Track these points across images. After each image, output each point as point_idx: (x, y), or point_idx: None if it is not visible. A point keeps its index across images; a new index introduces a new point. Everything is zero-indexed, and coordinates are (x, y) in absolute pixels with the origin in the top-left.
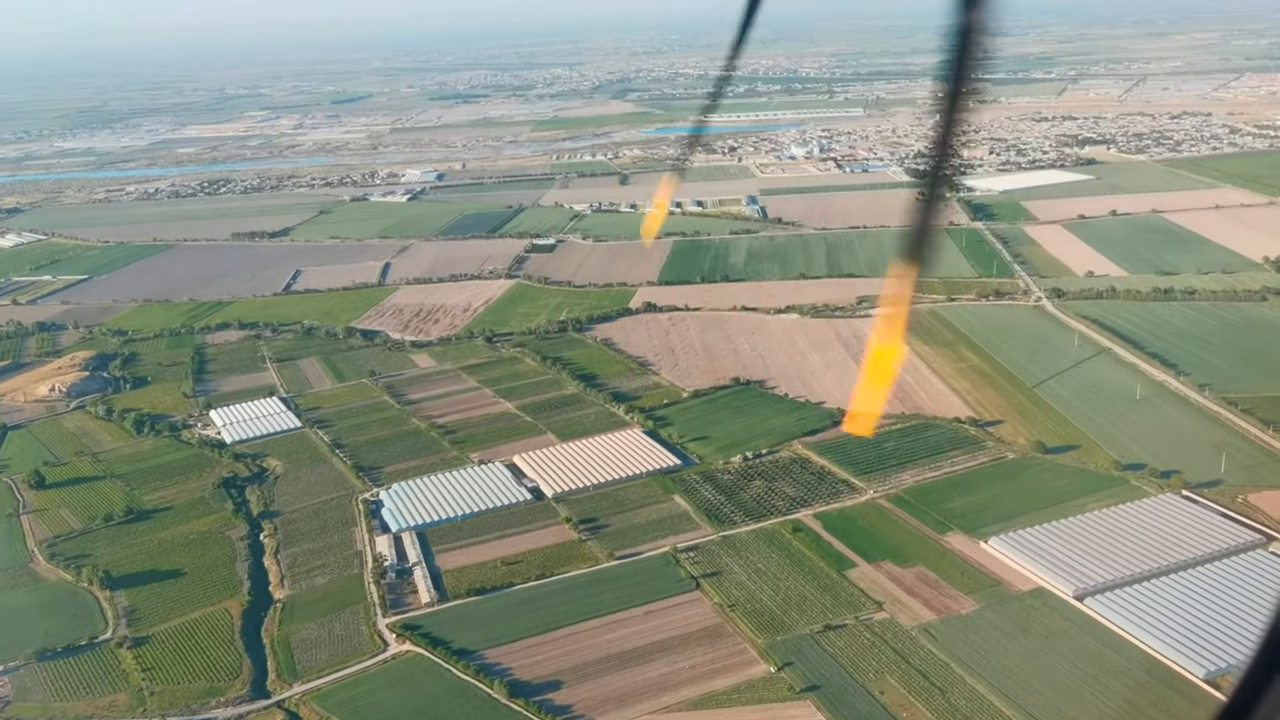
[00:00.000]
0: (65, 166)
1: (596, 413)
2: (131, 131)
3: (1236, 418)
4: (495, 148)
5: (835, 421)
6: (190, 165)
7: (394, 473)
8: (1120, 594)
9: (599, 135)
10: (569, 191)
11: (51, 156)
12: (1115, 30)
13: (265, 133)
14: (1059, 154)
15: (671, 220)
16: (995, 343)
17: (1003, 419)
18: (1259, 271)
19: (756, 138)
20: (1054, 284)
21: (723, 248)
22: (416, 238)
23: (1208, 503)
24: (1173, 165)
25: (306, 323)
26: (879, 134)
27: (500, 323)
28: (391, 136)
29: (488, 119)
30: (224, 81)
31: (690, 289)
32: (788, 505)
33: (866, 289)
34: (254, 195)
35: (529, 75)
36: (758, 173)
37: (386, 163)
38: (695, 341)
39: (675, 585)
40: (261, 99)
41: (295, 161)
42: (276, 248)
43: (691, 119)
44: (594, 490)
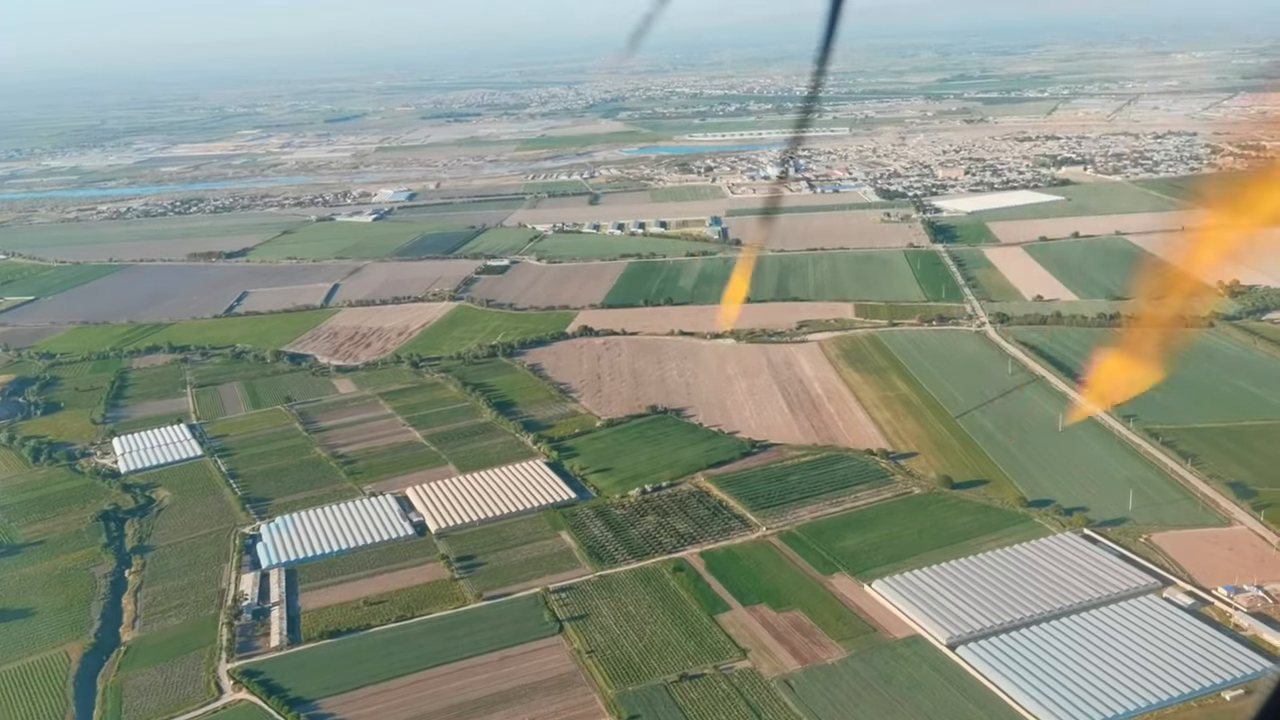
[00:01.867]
0: (46, 185)
1: (505, 442)
2: (121, 150)
3: (1157, 451)
4: (475, 167)
5: (745, 453)
6: (170, 184)
7: (282, 505)
8: (996, 642)
9: (581, 154)
10: (537, 211)
11: (36, 175)
12: (1117, 49)
13: (252, 151)
14: (1034, 174)
15: (631, 241)
16: (928, 370)
17: (918, 451)
18: (1213, 296)
19: (736, 157)
20: (1000, 309)
21: (675, 270)
22: (371, 258)
23: (1107, 543)
24: (1147, 186)
25: (239, 346)
26: (859, 153)
27: (432, 347)
28: (376, 155)
29: (475, 138)
30: (225, 100)
31: (633, 312)
32: (675, 542)
33: (809, 313)
34: (223, 215)
35: (526, 94)
36: (729, 193)
37: (364, 182)
38: (625, 367)
39: (538, 629)
40: (257, 117)
41: (274, 181)
42: (230, 268)
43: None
44: (480, 525)
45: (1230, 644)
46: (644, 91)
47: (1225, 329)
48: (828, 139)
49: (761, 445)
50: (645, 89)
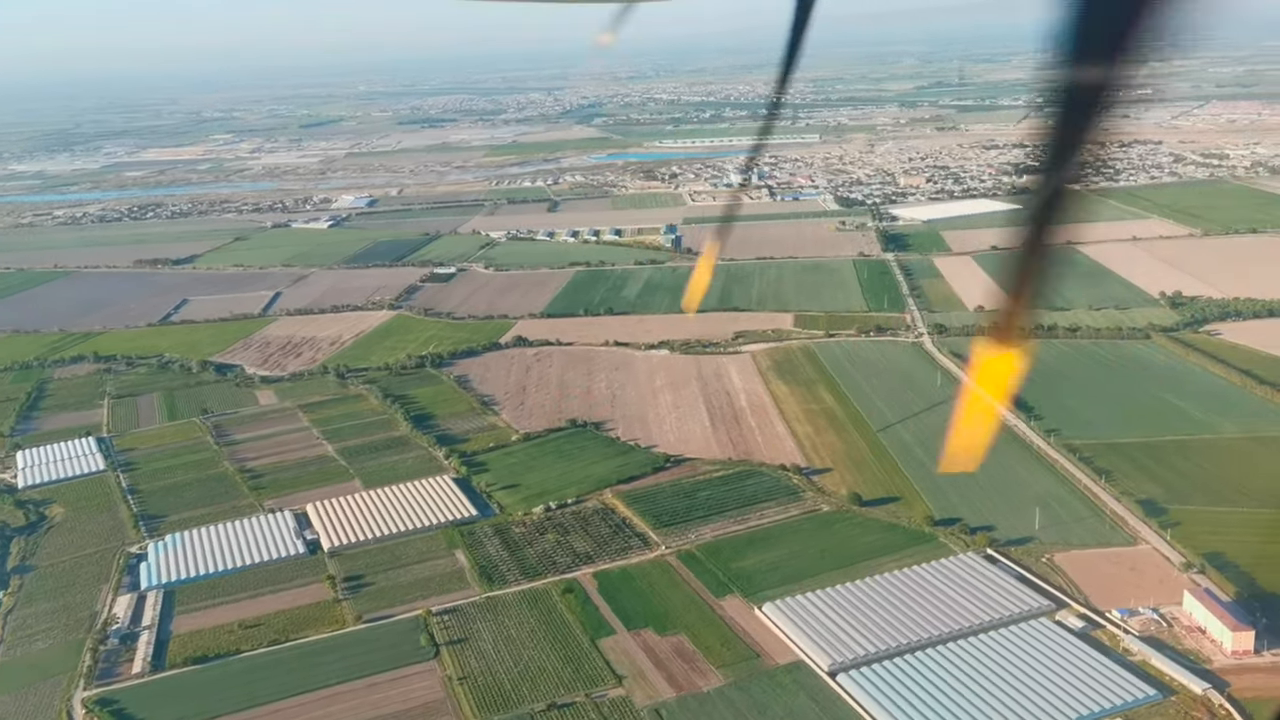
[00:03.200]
0: (8, 190)
1: (416, 457)
2: (90, 155)
3: (1073, 467)
4: (440, 173)
5: (658, 468)
6: (133, 189)
7: (176, 522)
8: (878, 669)
9: (549, 161)
10: (495, 218)
11: (1, 179)
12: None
13: (221, 156)
14: (996, 182)
15: (583, 249)
16: (857, 383)
17: (833, 466)
18: (1153, 308)
19: (702, 164)
20: (941, 319)
21: (622, 279)
22: (318, 266)
23: (1008, 564)
24: (1105, 195)
25: (167, 356)
26: (825, 161)
27: (362, 357)
28: (344, 161)
29: (446, 144)
30: (204, 105)
31: (571, 322)
32: (570, 562)
33: (748, 323)
34: (179, 220)
35: (506, 100)
36: (689, 200)
37: (327, 188)
38: (553, 378)
39: (413, 653)
40: (233, 122)
41: (238, 186)
42: (175, 275)
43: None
44: (375, 544)
45: (1117, 671)
46: (622, 98)
47: (1160, 341)
48: (797, 146)
49: (676, 460)
50: (624, 95)
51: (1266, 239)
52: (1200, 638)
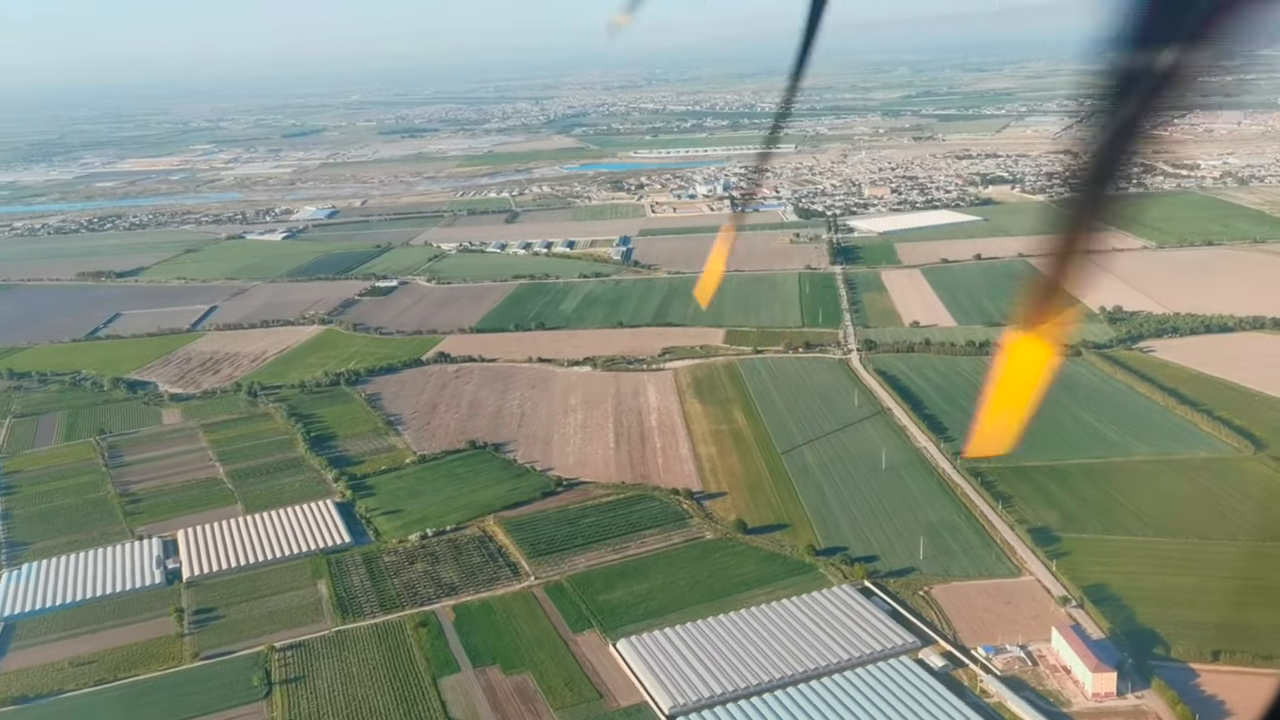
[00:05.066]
0: None
1: (306, 480)
2: (67, 165)
3: (973, 492)
4: (409, 184)
5: (548, 492)
6: (100, 200)
7: (41, 549)
8: (720, 712)
9: (520, 171)
10: (452, 230)
11: None
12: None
13: (196, 167)
14: (961, 193)
15: (530, 262)
16: (773, 401)
17: (728, 491)
18: (1091, 323)
19: (670, 175)
20: (874, 335)
21: (562, 292)
22: (261, 279)
23: (883, 597)
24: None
25: (83, 373)
26: (795, 171)
27: (281, 374)
28: (317, 172)
29: (422, 154)
30: (193, 114)
31: (500, 337)
32: (434, 593)
33: (679, 339)
34: (136, 232)
35: (492, 109)
36: (650, 212)
37: (292, 199)
38: (466, 397)
39: (244, 694)
40: (218, 132)
41: (204, 197)
42: (115, 289)
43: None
44: (238, 573)
45: (967, 715)
46: (608, 107)
47: (1090, 358)
48: (770, 155)
49: (569, 484)
50: (610, 104)
51: (1221, 251)
52: (1064, 678)
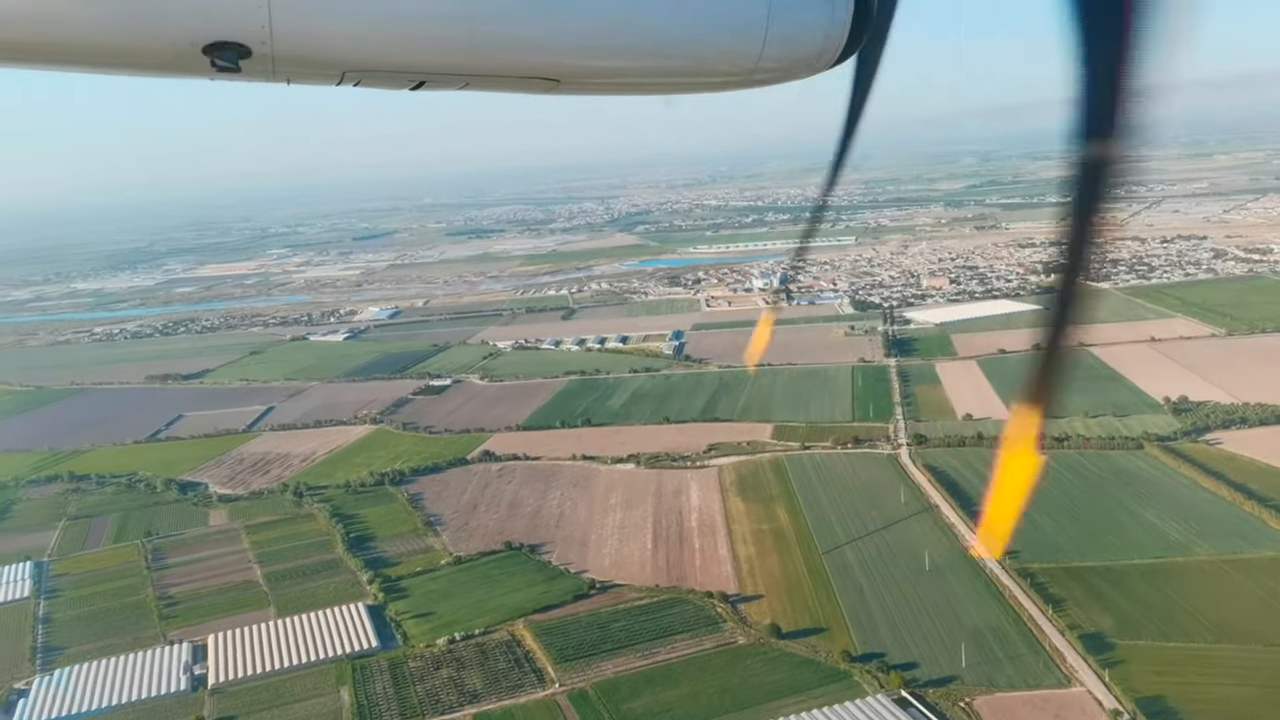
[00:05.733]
0: (62, 308)
1: (341, 582)
2: (152, 272)
3: (1022, 594)
4: (472, 284)
5: (580, 595)
6: (177, 304)
7: (76, 654)
8: None
9: (581, 269)
10: (510, 328)
11: (59, 298)
12: (1161, 152)
13: (270, 271)
14: (1022, 282)
15: (583, 358)
16: (818, 499)
17: (765, 593)
18: (1154, 415)
19: (729, 269)
20: (925, 429)
21: (612, 388)
22: (319, 380)
23: (920, 709)
24: (1134, 293)
25: (139, 474)
26: (854, 264)
27: (328, 474)
28: (384, 273)
29: (488, 254)
30: (273, 220)
31: (546, 434)
32: (456, 701)
33: (726, 434)
34: (207, 335)
35: (558, 210)
36: (705, 306)
37: (358, 300)
38: (506, 496)
39: None
40: (295, 237)
41: (274, 300)
42: (180, 390)
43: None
44: (264, 678)
45: None
46: (671, 204)
47: (1153, 451)
48: (830, 249)
49: (603, 586)
50: (674, 202)
51: None
52: None
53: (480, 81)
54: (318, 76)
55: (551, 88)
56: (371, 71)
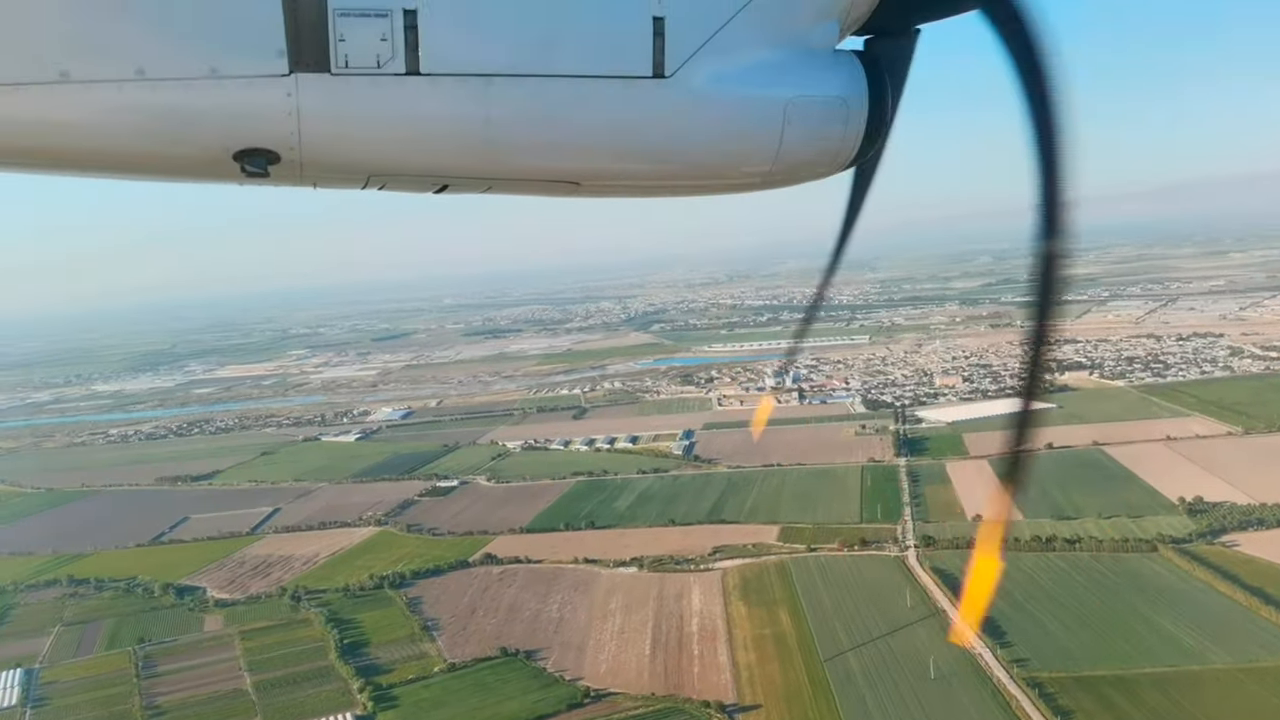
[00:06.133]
0: (81, 410)
1: (331, 690)
2: (173, 373)
3: (1029, 704)
4: (486, 383)
5: (574, 704)
6: (194, 405)
7: None
8: None
9: (595, 368)
10: (519, 428)
11: (79, 399)
12: (1177, 250)
13: (288, 372)
14: None
15: (592, 458)
16: (821, 604)
17: (763, 703)
18: (1169, 516)
19: (742, 367)
20: (933, 530)
21: (618, 489)
22: (327, 481)
23: None
24: (1149, 391)
25: (139, 579)
26: (867, 362)
27: (328, 578)
28: (400, 374)
29: (503, 354)
30: (296, 322)
31: (550, 537)
32: None
33: (732, 537)
34: (220, 435)
35: (576, 309)
36: (717, 405)
37: (373, 400)
38: (506, 601)
39: None
40: (316, 338)
41: (289, 401)
42: (189, 492)
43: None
44: None
45: None
46: (688, 303)
47: (1168, 554)
48: (844, 348)
49: (598, 695)
50: (691, 301)
51: None
52: None
53: (502, 185)
54: (344, 180)
55: (572, 190)
56: (396, 176)
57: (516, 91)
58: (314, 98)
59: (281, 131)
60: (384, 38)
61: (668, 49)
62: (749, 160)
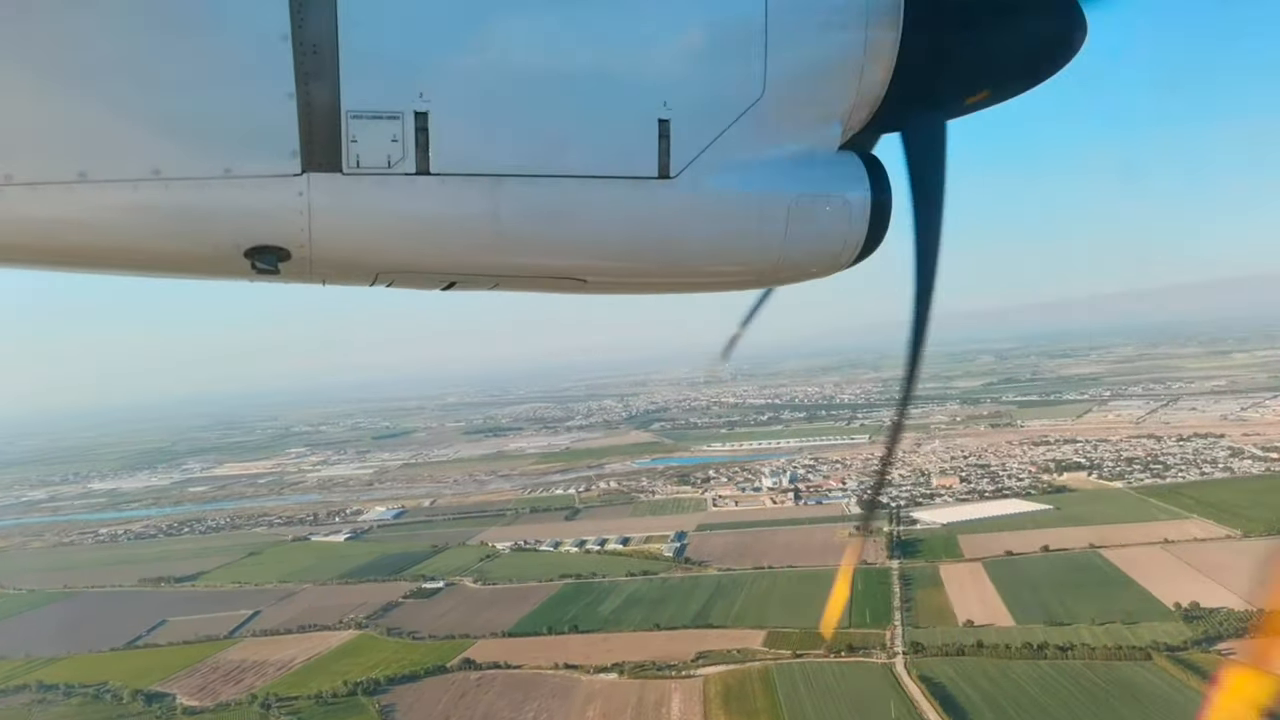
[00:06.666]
0: (74, 508)
1: None
2: (170, 471)
3: None
4: (482, 482)
5: None
6: (188, 504)
7: None
8: None
9: (592, 467)
10: (511, 528)
11: (73, 498)
12: (1180, 350)
13: (285, 470)
14: (1034, 481)
15: (581, 560)
16: (803, 713)
17: None
18: (1164, 622)
19: (740, 467)
20: (923, 636)
21: (605, 592)
22: (312, 582)
23: None
24: (1148, 493)
25: (108, 684)
26: (865, 462)
27: (302, 684)
28: (396, 472)
29: (502, 452)
30: (299, 419)
31: (532, 642)
32: None
33: (717, 641)
34: (210, 535)
35: (578, 407)
36: (712, 506)
37: (368, 498)
38: (481, 709)
39: None
40: (317, 436)
41: (283, 500)
42: (171, 594)
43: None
44: None
45: None
46: (690, 402)
47: (1162, 662)
48: (844, 446)
49: None
50: (693, 399)
51: None
52: None
53: (509, 281)
54: (352, 277)
55: (578, 287)
56: (404, 273)
57: (525, 191)
58: (325, 196)
59: (293, 229)
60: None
61: (673, 150)
62: (752, 258)
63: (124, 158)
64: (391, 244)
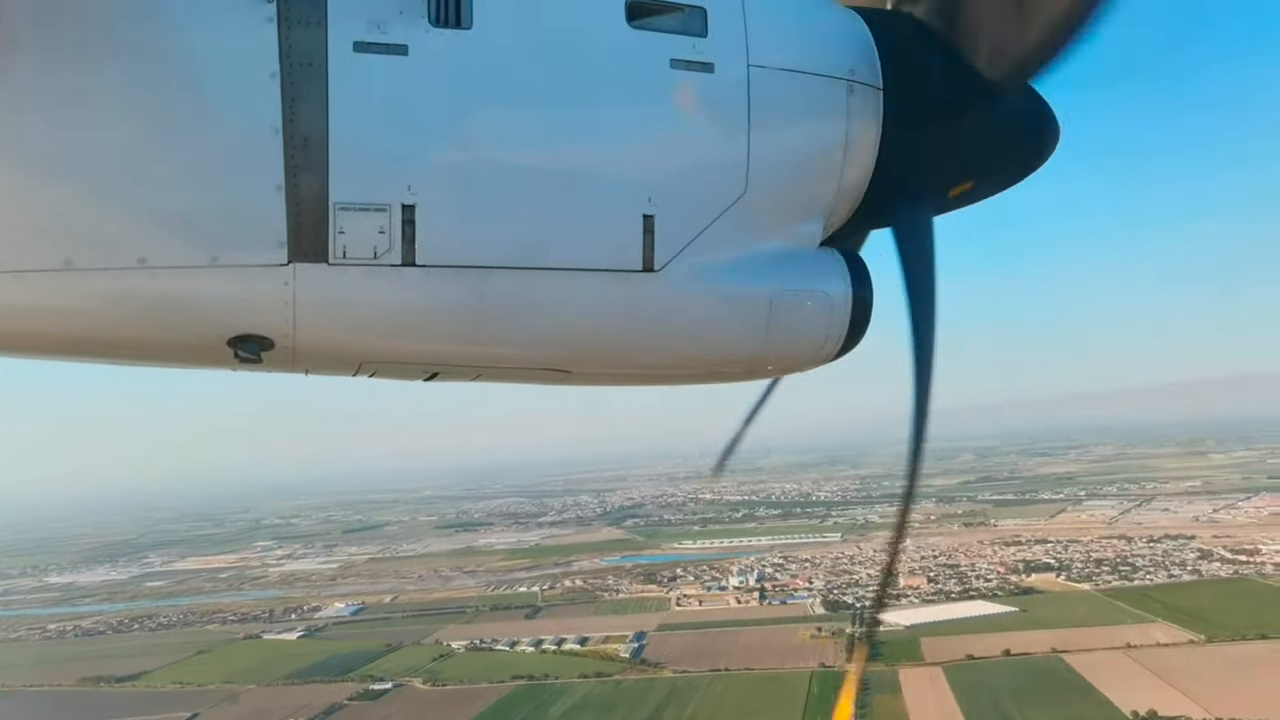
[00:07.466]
0: (27, 603)
1: None
2: (130, 565)
3: None
4: (446, 578)
5: None
6: (142, 600)
7: None
8: None
9: (560, 564)
10: (470, 626)
11: (26, 592)
12: (1157, 450)
13: (249, 565)
14: (1001, 582)
15: (536, 660)
16: None
17: None
18: None
19: (709, 565)
20: None
21: (555, 695)
22: (256, 683)
23: None
24: (1115, 595)
25: None
26: (834, 561)
27: None
28: (362, 567)
29: (471, 548)
30: (271, 511)
31: None
32: None
33: None
34: (160, 632)
35: (552, 502)
36: (675, 605)
37: (328, 594)
38: None
39: None
40: (286, 529)
41: (243, 595)
42: (111, 694)
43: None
44: None
45: None
46: (667, 498)
47: None
48: (815, 545)
49: None
50: (670, 495)
51: (1272, 646)
52: None
53: (493, 373)
54: (335, 367)
55: (562, 379)
56: (387, 363)
57: (510, 283)
58: (311, 287)
59: (277, 319)
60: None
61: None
62: (734, 351)
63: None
64: (376, 334)
